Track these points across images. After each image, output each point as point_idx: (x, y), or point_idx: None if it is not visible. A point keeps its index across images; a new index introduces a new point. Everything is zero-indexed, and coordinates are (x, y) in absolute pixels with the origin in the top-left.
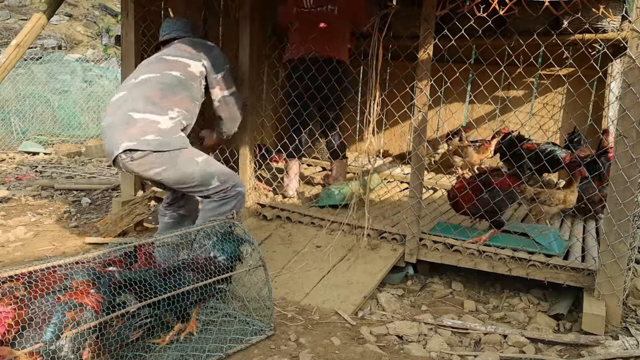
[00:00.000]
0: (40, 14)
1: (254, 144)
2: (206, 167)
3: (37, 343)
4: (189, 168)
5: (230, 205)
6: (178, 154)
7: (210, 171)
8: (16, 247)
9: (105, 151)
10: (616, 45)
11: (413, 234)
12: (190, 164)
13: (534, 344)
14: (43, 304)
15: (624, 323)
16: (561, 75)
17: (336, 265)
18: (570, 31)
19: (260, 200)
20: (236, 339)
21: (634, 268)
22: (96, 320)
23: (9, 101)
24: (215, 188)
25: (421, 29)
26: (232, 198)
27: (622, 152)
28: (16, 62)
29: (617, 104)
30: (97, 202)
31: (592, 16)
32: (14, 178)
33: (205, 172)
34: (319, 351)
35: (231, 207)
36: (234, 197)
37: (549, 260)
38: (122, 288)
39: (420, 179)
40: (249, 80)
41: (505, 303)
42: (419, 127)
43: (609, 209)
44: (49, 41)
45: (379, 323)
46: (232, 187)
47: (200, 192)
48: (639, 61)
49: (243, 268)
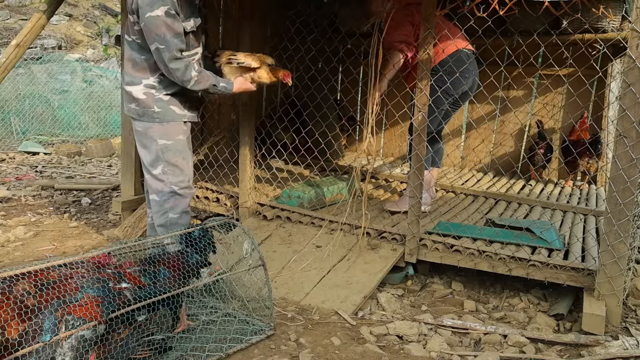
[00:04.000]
0: (40, 14)
1: (254, 143)
2: (160, 152)
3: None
4: (150, 144)
5: (169, 204)
6: (150, 126)
7: (162, 157)
8: (16, 247)
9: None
10: (616, 45)
11: (413, 234)
12: (151, 142)
13: (534, 344)
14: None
15: (624, 323)
16: (561, 75)
17: (336, 265)
18: (570, 31)
19: (260, 200)
20: (236, 339)
21: (634, 268)
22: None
23: (9, 101)
24: (157, 176)
25: (421, 29)
26: (168, 195)
27: (622, 152)
28: (16, 62)
29: (617, 104)
30: (97, 202)
31: (592, 16)
32: (14, 178)
33: (157, 156)
34: (319, 351)
35: (170, 206)
36: (168, 194)
37: (549, 260)
38: (130, 304)
39: (420, 179)
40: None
41: (505, 303)
42: (419, 127)
43: (609, 209)
44: (49, 41)
45: (379, 323)
46: (168, 183)
47: (146, 171)
48: (639, 61)
49: (243, 268)
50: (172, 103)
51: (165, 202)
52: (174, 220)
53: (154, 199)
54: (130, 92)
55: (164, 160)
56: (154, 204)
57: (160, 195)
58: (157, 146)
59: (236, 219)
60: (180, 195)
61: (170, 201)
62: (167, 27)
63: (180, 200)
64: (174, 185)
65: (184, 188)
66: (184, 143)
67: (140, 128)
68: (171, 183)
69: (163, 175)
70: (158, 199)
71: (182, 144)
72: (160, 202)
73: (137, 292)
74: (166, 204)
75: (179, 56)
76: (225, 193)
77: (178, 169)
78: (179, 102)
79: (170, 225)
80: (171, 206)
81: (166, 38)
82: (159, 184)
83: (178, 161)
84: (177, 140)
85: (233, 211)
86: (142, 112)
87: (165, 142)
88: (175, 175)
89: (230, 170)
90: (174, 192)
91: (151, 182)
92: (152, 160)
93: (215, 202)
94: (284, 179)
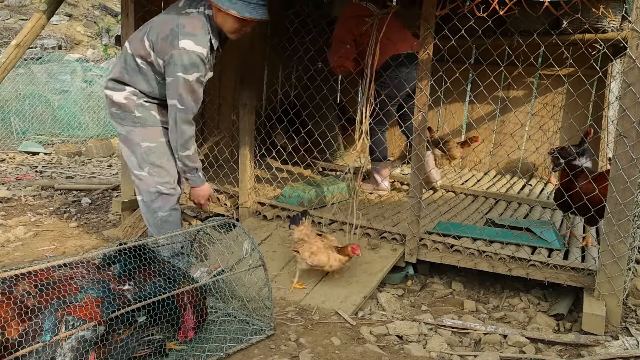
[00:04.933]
0: (40, 14)
1: (254, 143)
2: (145, 155)
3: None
4: (134, 147)
5: (157, 204)
6: (132, 129)
7: (147, 159)
8: (16, 247)
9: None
10: (616, 45)
11: (413, 234)
12: (135, 145)
13: (534, 344)
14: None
15: (624, 323)
16: (561, 75)
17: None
18: (570, 31)
19: (260, 199)
20: (236, 339)
21: (634, 268)
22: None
23: (9, 101)
24: (143, 178)
25: (421, 29)
26: (155, 195)
27: (622, 152)
28: (16, 62)
29: (617, 104)
30: (97, 202)
31: (592, 16)
32: (14, 178)
33: (142, 158)
34: (319, 351)
35: (159, 205)
36: (155, 194)
37: (549, 260)
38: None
39: (420, 179)
40: (249, 80)
41: (505, 303)
42: (419, 127)
43: (609, 209)
44: (49, 41)
45: (379, 323)
46: (154, 183)
47: (132, 175)
48: (639, 61)
49: (243, 268)
50: (153, 109)
51: (152, 202)
52: (164, 219)
53: (142, 200)
54: (111, 96)
55: (148, 162)
56: (142, 205)
57: (147, 196)
58: (141, 149)
59: (236, 219)
60: (167, 194)
61: (157, 201)
62: (193, 92)
63: (167, 199)
64: (159, 186)
65: (170, 188)
66: (167, 145)
67: (123, 132)
68: (157, 183)
69: (149, 177)
70: (146, 200)
71: (165, 146)
72: (148, 202)
73: (138, 293)
74: (154, 204)
75: (192, 121)
76: (225, 193)
77: (164, 170)
78: (157, 109)
79: (161, 224)
80: (159, 205)
81: (188, 101)
82: (145, 185)
83: (163, 162)
84: (160, 142)
85: (233, 211)
86: (123, 115)
87: (149, 144)
88: (161, 177)
89: (230, 170)
90: (160, 191)
91: (138, 184)
92: (138, 163)
93: (215, 202)
94: (284, 179)
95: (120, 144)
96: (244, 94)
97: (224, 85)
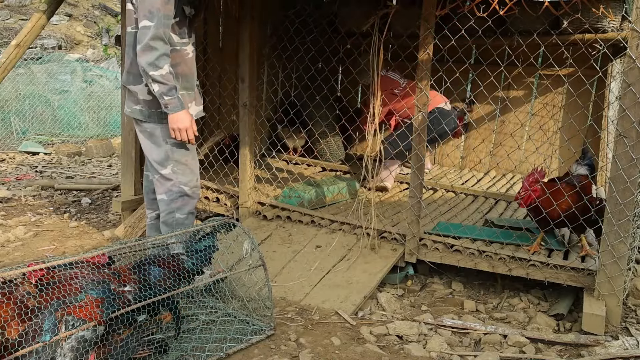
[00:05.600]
0: (40, 14)
1: (254, 144)
2: (170, 152)
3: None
4: (159, 144)
5: (177, 204)
6: (157, 127)
7: (172, 156)
8: (16, 247)
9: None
10: (616, 45)
11: (413, 234)
12: (160, 142)
13: (534, 344)
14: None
15: (624, 323)
16: (561, 75)
17: (336, 265)
18: (570, 31)
19: (260, 199)
20: (236, 339)
21: (634, 268)
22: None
23: (9, 101)
24: (166, 176)
25: (421, 29)
26: (176, 194)
27: (622, 152)
28: (16, 62)
29: (617, 104)
30: (97, 202)
31: (592, 16)
32: (14, 178)
33: (166, 155)
34: (319, 351)
35: (178, 206)
36: (177, 194)
37: (549, 260)
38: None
39: (420, 179)
40: (249, 80)
41: (505, 303)
42: (419, 127)
43: (609, 209)
44: (49, 41)
45: (379, 323)
46: (177, 182)
47: (155, 171)
48: (639, 61)
49: (243, 268)
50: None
51: (172, 202)
52: (180, 221)
53: (162, 199)
54: (136, 92)
55: (173, 159)
56: (161, 203)
57: (168, 195)
58: (166, 146)
59: (236, 219)
60: (189, 196)
61: (178, 201)
62: (162, 4)
63: (188, 201)
64: (183, 185)
65: (193, 188)
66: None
67: (148, 129)
68: (180, 183)
69: (172, 175)
70: (166, 199)
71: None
72: (168, 201)
73: (138, 293)
74: (173, 204)
75: (164, 38)
76: (225, 193)
77: (188, 168)
78: (186, 99)
79: (176, 225)
80: (178, 206)
81: (157, 15)
82: (168, 183)
83: (188, 160)
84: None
85: (233, 211)
86: (148, 113)
87: (174, 141)
88: (185, 175)
89: (230, 170)
90: (183, 192)
91: (160, 182)
92: (162, 160)
93: (215, 202)
94: (284, 179)
95: (143, 141)
96: (244, 94)
97: (224, 86)
